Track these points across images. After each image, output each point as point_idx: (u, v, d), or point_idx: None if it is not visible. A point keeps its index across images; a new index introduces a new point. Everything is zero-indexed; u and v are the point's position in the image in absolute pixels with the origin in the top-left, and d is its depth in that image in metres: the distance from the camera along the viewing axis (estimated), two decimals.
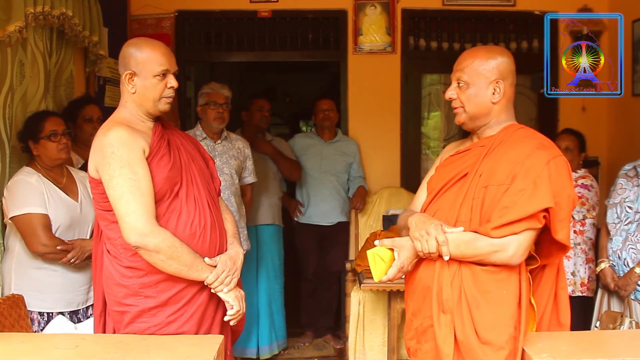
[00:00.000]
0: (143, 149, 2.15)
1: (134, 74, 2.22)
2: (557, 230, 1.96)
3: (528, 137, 2.08)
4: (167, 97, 2.27)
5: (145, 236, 2.07)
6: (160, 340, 2.01)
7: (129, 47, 2.26)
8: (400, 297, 3.58)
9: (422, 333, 2.10)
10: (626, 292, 3.21)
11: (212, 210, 2.31)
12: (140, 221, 2.08)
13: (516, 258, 1.96)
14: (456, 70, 2.16)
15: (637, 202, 3.27)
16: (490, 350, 1.94)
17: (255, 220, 4.35)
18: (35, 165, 2.82)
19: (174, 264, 2.10)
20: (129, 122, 2.22)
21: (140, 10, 4.81)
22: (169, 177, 2.19)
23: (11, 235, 2.81)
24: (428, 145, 5.42)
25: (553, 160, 1.98)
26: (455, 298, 2.00)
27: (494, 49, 2.21)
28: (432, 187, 2.24)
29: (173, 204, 2.21)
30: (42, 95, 3.08)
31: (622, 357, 1.79)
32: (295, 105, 10.00)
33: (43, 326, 2.73)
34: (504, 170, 2.00)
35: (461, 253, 1.99)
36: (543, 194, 1.92)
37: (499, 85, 2.10)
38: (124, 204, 2.08)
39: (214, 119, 3.81)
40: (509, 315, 1.96)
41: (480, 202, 2.03)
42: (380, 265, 2.06)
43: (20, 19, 2.81)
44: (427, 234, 2.00)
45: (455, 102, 2.17)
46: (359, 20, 4.93)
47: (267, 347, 4.43)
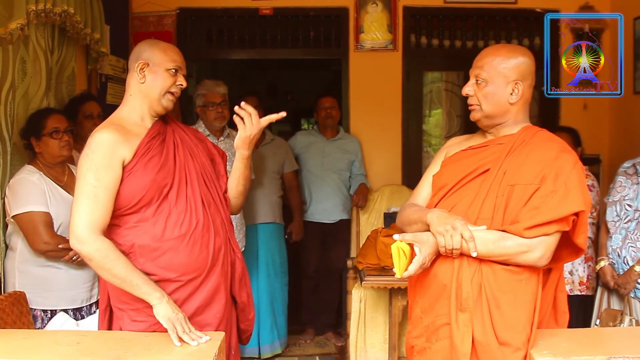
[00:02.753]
0: (123, 157, 2.14)
1: (146, 64, 2.23)
2: (579, 234, 1.95)
3: (550, 140, 2.05)
4: (173, 92, 2.27)
5: (81, 243, 2.07)
6: (161, 337, 2.01)
7: (143, 44, 2.29)
8: (401, 295, 3.58)
9: (434, 331, 2.05)
10: (626, 290, 3.21)
11: (207, 210, 2.27)
12: (81, 227, 2.07)
13: (544, 260, 1.93)
14: (475, 67, 2.11)
15: (637, 200, 3.27)
16: (509, 351, 1.91)
17: (255, 219, 4.35)
18: (36, 164, 2.83)
19: (106, 274, 2.10)
20: (125, 122, 2.22)
21: (142, 8, 4.81)
22: (156, 180, 2.17)
23: (14, 234, 2.81)
24: (429, 143, 5.42)
25: (577, 164, 1.97)
26: (474, 296, 1.96)
27: (517, 49, 2.13)
28: (444, 182, 2.17)
29: (162, 206, 2.18)
30: (44, 93, 3.09)
31: (623, 354, 1.80)
32: (297, 102, 9.99)
33: (46, 323, 2.74)
34: (532, 170, 1.97)
35: (488, 251, 1.94)
36: (575, 197, 1.90)
37: (518, 87, 2.05)
38: (77, 206, 2.10)
39: (215, 119, 3.83)
40: (527, 317, 1.94)
41: (505, 200, 1.99)
42: (404, 260, 1.99)
43: (22, 16, 2.81)
44: (453, 229, 1.93)
45: (472, 99, 2.12)
46: (361, 18, 4.93)
47: (269, 346, 4.43)
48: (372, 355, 4.10)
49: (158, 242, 2.15)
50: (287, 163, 4.63)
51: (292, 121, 10.09)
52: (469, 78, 2.14)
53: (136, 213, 2.16)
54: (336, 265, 4.73)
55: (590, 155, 4.35)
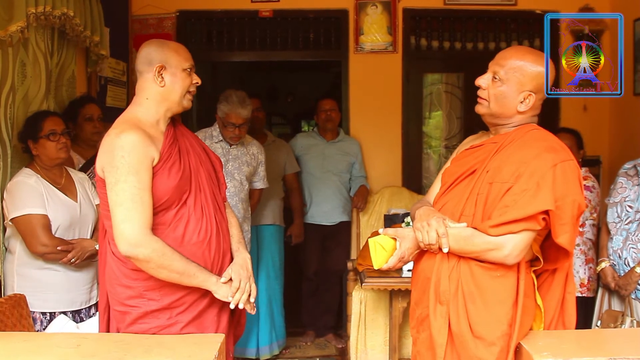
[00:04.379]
0: (152, 157, 2.13)
1: (164, 67, 2.21)
2: (559, 233, 1.95)
3: (539, 139, 2.06)
4: (191, 92, 2.29)
5: (136, 246, 2.06)
6: (161, 340, 2.01)
7: (151, 45, 2.26)
8: (401, 296, 3.58)
9: (421, 322, 2.15)
10: (627, 292, 3.21)
11: (217, 217, 2.31)
12: (134, 231, 2.06)
13: (511, 258, 1.96)
14: (496, 63, 2.10)
15: (638, 201, 3.26)
16: (482, 345, 1.97)
17: (256, 221, 4.34)
18: (34, 166, 2.83)
19: (165, 272, 2.09)
20: (143, 124, 2.19)
21: (142, 10, 4.82)
22: (179, 186, 2.18)
23: (12, 237, 2.81)
24: (429, 145, 5.42)
25: (561, 163, 1.96)
26: (452, 290, 2.03)
27: (541, 58, 2.09)
28: (445, 180, 2.25)
29: (181, 211, 2.20)
30: (44, 96, 3.09)
31: (623, 355, 1.79)
32: (297, 105, 10.00)
33: (46, 325, 2.73)
34: (510, 169, 2.00)
35: (460, 248, 2.01)
36: (544, 196, 1.92)
37: (530, 98, 2.06)
38: (123, 211, 2.07)
39: (230, 138, 3.80)
40: (503, 313, 1.98)
41: (484, 198, 2.04)
42: (382, 253, 2.09)
43: (21, 18, 2.82)
44: (428, 225, 2.03)
45: (483, 93, 2.12)
46: (360, 20, 4.93)
47: (267, 348, 4.43)
48: (373, 357, 4.09)
49: (178, 247, 2.15)
50: (288, 165, 4.63)
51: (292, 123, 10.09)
52: (487, 70, 2.13)
53: (155, 215, 2.15)
54: (336, 267, 4.72)
55: (590, 156, 4.35)
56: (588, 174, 3.79)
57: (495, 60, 2.12)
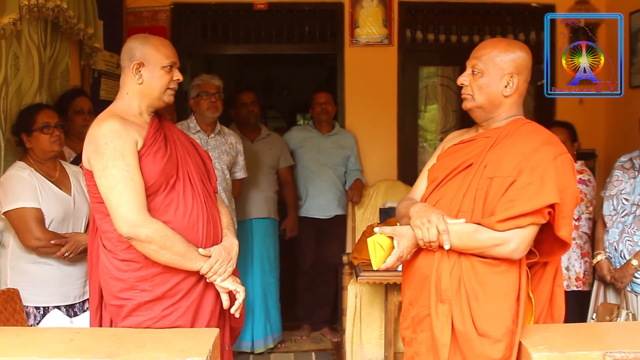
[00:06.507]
0: (136, 141, 2.16)
1: (142, 64, 2.23)
2: (560, 227, 1.95)
3: (535, 132, 2.06)
4: (172, 88, 2.30)
5: (137, 227, 2.08)
6: (155, 334, 1.99)
7: (135, 40, 2.29)
8: (397, 290, 3.58)
9: (419, 322, 2.10)
10: (622, 284, 3.21)
11: (207, 204, 2.31)
12: (132, 212, 2.08)
13: (518, 252, 1.95)
14: (472, 58, 2.14)
15: (634, 194, 3.26)
16: (488, 342, 1.93)
17: (250, 214, 4.35)
18: (27, 160, 2.81)
19: (167, 253, 2.11)
20: (124, 114, 2.22)
21: (136, 3, 4.79)
22: (164, 170, 2.19)
23: (5, 231, 2.80)
24: (425, 138, 5.42)
25: (559, 156, 1.96)
26: (454, 288, 1.99)
27: (515, 43, 2.16)
28: (435, 176, 2.21)
29: (170, 196, 2.21)
30: (37, 88, 3.07)
31: (619, 349, 1.79)
32: (292, 98, 9.97)
33: (39, 320, 2.72)
34: (511, 163, 1.99)
35: (462, 244, 1.98)
36: (550, 189, 1.91)
37: (513, 80, 2.08)
38: (117, 195, 2.09)
39: (208, 109, 3.82)
40: (507, 309, 1.96)
41: (484, 193, 2.02)
42: (380, 253, 2.04)
43: (14, 11, 2.79)
44: (429, 222, 1.99)
45: (466, 89, 2.14)
46: (356, 13, 4.92)
47: (262, 341, 4.44)
48: (368, 351, 4.09)
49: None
50: (282, 158, 4.62)
51: (288, 117, 10.07)
52: (466, 69, 2.16)
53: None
54: (332, 260, 4.72)
55: (586, 150, 4.34)
56: (584, 167, 3.79)
57: (471, 56, 2.15)
